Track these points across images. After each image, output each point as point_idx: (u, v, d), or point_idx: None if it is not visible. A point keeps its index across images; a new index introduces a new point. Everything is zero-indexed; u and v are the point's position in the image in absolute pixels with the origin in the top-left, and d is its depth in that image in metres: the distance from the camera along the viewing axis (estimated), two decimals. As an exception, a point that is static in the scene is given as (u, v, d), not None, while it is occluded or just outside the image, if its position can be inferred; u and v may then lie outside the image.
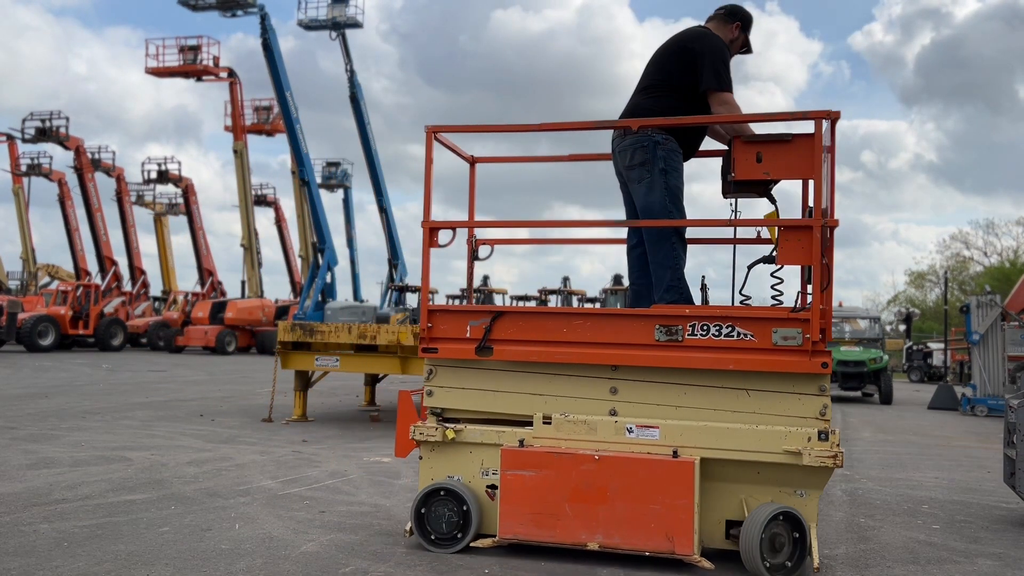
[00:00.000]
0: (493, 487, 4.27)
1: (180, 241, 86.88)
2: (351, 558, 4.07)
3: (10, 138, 36.98)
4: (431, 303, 4.47)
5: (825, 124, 4.04)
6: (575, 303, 27.38)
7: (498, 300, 27.69)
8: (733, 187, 4.40)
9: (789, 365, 3.97)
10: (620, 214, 5.06)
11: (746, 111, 4.54)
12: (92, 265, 35.93)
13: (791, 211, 4.51)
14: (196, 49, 32.50)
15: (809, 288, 4.18)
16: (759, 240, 4.88)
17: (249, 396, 12.90)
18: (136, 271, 36.86)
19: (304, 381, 9.89)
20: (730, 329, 4.05)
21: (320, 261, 28.88)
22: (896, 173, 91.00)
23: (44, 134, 34.55)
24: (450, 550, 4.18)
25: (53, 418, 9.30)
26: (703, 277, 4.90)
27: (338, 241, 31.67)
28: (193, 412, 10.34)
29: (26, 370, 17.51)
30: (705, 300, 4.81)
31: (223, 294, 36.09)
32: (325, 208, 29.71)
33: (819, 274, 3.95)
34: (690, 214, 4.73)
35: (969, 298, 16.87)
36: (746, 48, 4.92)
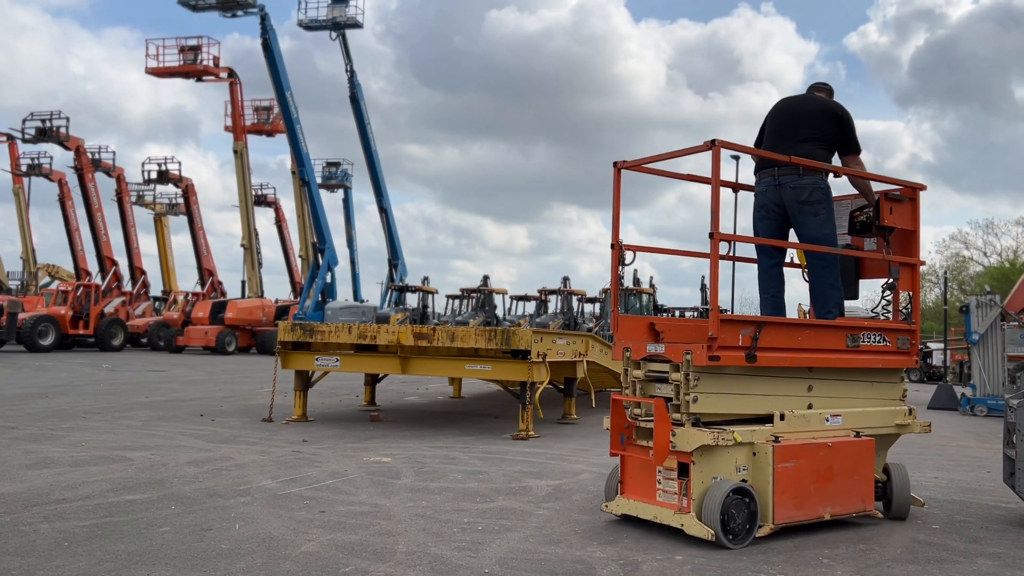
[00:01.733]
0: (743, 482, 4.71)
1: (180, 241, 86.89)
2: (351, 558, 4.07)
3: (10, 138, 37.00)
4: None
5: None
6: (575, 303, 27.38)
7: (498, 300, 27.67)
8: (875, 229, 5.60)
9: (904, 363, 5.51)
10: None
11: (740, 110, 4.92)
12: (92, 265, 35.96)
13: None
14: (196, 49, 32.52)
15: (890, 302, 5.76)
16: (791, 264, 6.04)
17: (249, 396, 12.90)
18: (136, 271, 36.87)
19: (304, 381, 9.89)
20: (880, 337, 5.35)
21: (320, 261, 28.88)
22: (893, 173, 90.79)
23: (44, 134, 34.57)
24: (744, 544, 4.51)
25: (53, 418, 9.30)
26: (703, 277, 5.44)
27: (338, 241, 31.69)
28: (193, 412, 10.34)
29: (26, 370, 17.52)
30: (705, 299, 5.28)
31: (223, 294, 36.09)
32: (325, 208, 29.70)
33: (917, 298, 5.55)
34: (692, 215, 5.24)
35: (969, 298, 16.86)
36: None
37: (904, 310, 5.66)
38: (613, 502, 5.05)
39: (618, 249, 5.21)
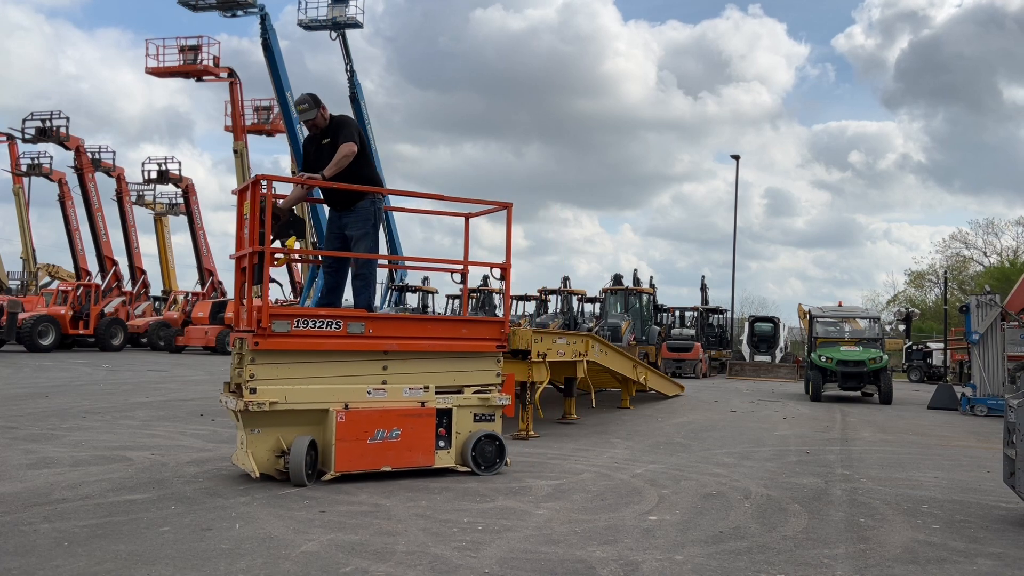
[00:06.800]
0: None
1: (180, 241, 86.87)
2: (351, 558, 4.08)
3: (10, 138, 36.99)
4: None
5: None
6: (575, 303, 27.37)
7: (498, 300, 27.65)
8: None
9: None
10: (613, 216, 5.34)
11: (731, 109, 4.77)
12: (92, 265, 35.94)
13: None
14: (196, 49, 32.48)
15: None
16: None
17: (249, 396, 12.88)
18: (136, 271, 36.85)
19: (304, 381, 9.87)
20: None
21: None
22: (885, 174, 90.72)
23: (44, 134, 34.56)
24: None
25: (53, 418, 9.30)
26: (703, 277, 5.31)
27: (338, 241, 31.58)
28: (193, 412, 10.34)
29: (26, 370, 17.52)
30: (705, 299, 5.17)
31: (223, 294, 36.07)
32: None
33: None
34: (687, 214, 5.28)
35: (969, 298, 16.85)
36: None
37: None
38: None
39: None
